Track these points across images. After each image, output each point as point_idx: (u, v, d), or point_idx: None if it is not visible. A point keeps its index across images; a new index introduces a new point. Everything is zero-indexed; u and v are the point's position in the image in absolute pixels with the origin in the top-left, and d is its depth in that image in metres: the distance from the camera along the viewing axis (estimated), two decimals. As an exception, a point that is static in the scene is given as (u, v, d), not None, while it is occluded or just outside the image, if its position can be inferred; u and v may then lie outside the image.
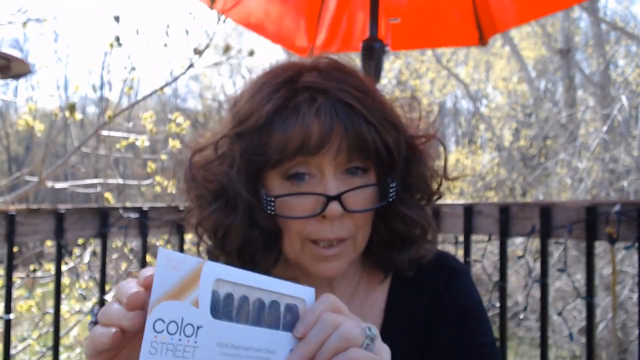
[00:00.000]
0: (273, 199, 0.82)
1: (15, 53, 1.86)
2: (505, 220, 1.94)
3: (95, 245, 2.27)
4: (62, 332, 3.06)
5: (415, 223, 0.88)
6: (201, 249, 0.95)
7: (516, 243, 6.85)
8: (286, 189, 0.82)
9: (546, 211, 1.82)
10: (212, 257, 1.67)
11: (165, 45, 3.05)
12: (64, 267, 2.82)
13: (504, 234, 1.94)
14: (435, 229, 0.92)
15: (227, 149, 0.85)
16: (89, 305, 2.88)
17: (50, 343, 2.01)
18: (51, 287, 2.25)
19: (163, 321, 0.55)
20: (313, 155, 0.79)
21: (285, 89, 0.81)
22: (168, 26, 3.02)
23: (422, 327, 0.94)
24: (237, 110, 0.86)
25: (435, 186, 0.92)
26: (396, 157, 0.84)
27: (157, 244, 4.14)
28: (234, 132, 0.84)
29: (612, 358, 7.28)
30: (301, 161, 0.80)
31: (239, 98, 0.88)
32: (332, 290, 0.95)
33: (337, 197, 0.79)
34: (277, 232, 0.86)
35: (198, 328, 0.57)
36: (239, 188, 0.83)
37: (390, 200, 0.85)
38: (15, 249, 1.94)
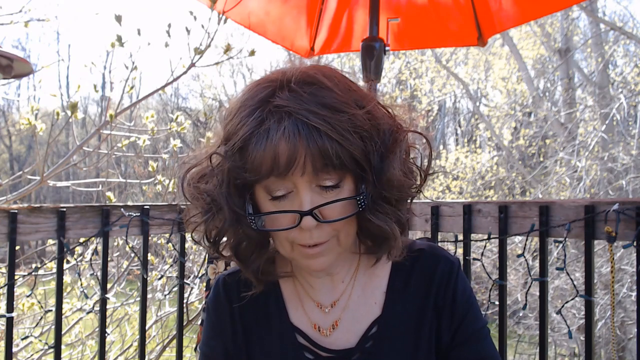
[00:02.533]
0: (253, 217, 0.92)
1: (18, 52, 1.86)
2: (505, 219, 1.95)
3: (96, 243, 2.28)
4: (63, 330, 3.07)
5: (384, 229, 0.94)
6: (201, 247, 1.04)
7: (515, 241, 6.86)
8: (271, 203, 0.91)
9: (545, 210, 1.84)
10: (211, 255, 1.68)
11: (167, 44, 3.06)
12: (65, 266, 2.84)
13: (503, 233, 1.96)
14: (398, 236, 0.97)
15: (218, 163, 0.94)
16: (90, 303, 2.89)
17: (52, 341, 2.02)
18: (53, 285, 2.26)
19: None
20: (284, 175, 0.87)
21: (259, 111, 0.88)
22: (169, 26, 3.03)
23: (426, 307, 1.03)
24: (225, 125, 0.94)
25: (409, 191, 0.97)
26: (365, 167, 0.90)
27: (159, 242, 4.16)
28: (222, 149, 0.92)
29: (610, 356, 7.30)
30: (277, 180, 0.88)
31: (228, 111, 0.95)
32: (331, 277, 1.05)
33: (309, 212, 0.88)
34: (267, 235, 0.99)
35: None
36: (223, 204, 0.92)
37: (360, 209, 0.91)
38: (17, 247, 1.95)
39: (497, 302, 2.04)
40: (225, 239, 1.00)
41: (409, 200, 0.99)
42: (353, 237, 0.97)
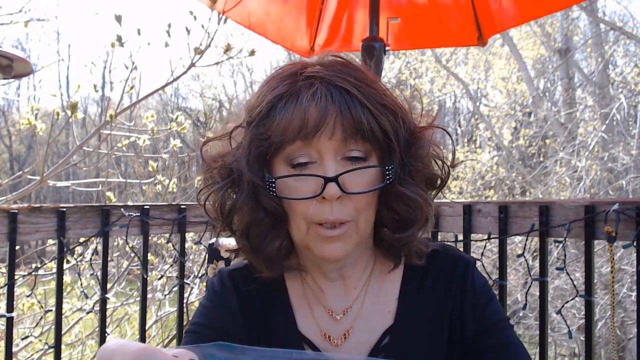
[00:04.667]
0: (274, 181, 0.87)
1: (18, 52, 1.86)
2: (505, 219, 1.95)
3: (96, 243, 2.28)
4: (63, 330, 3.08)
5: (412, 202, 0.90)
6: (201, 247, 1.01)
7: (515, 241, 6.86)
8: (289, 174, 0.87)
9: (545, 210, 1.84)
10: (213, 254, 1.68)
11: (167, 44, 3.06)
12: (65, 265, 2.84)
13: (503, 233, 1.96)
14: (433, 208, 0.94)
15: (240, 138, 0.92)
16: (90, 303, 2.89)
17: (52, 341, 2.02)
18: (53, 285, 2.26)
19: None
20: (311, 137, 0.83)
21: (288, 80, 0.87)
22: (169, 26, 3.03)
23: (443, 313, 0.97)
24: (248, 104, 0.92)
25: (436, 170, 0.95)
26: (394, 141, 0.87)
27: (159, 242, 4.17)
28: (245, 121, 0.90)
29: (610, 356, 7.30)
30: (301, 146, 0.85)
31: (251, 95, 0.94)
32: (344, 281, 0.98)
33: (335, 179, 0.83)
34: (283, 215, 0.91)
35: None
36: (243, 168, 0.88)
37: (388, 182, 0.88)
38: (17, 247, 1.95)
39: (497, 302, 2.04)
40: (236, 229, 0.94)
41: (433, 192, 0.96)
42: (371, 225, 0.92)
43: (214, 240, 1.56)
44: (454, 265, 0.99)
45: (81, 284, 2.79)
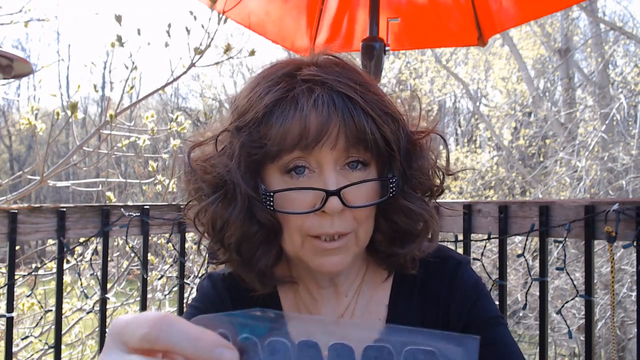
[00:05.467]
0: (272, 194, 0.81)
1: (18, 52, 1.87)
2: (505, 219, 1.95)
3: (96, 243, 2.28)
4: (63, 330, 3.07)
5: (417, 216, 0.87)
6: (202, 247, 0.97)
7: (515, 241, 6.86)
8: (285, 184, 0.81)
9: (545, 210, 1.84)
10: (212, 254, 1.68)
11: (167, 44, 3.06)
12: (65, 265, 2.83)
13: (503, 233, 1.96)
14: (438, 222, 0.91)
15: (227, 143, 0.85)
16: (90, 303, 2.89)
17: (52, 341, 2.02)
18: (53, 285, 2.26)
19: None
20: (312, 147, 0.78)
21: (284, 82, 0.81)
22: (169, 26, 3.03)
23: (435, 317, 0.94)
24: (236, 105, 0.86)
25: (437, 181, 0.92)
26: (395, 150, 0.83)
27: (159, 242, 4.17)
28: (234, 126, 0.83)
29: (610, 356, 7.30)
30: (300, 156, 0.79)
31: (238, 94, 0.88)
32: (336, 288, 0.95)
33: (337, 192, 0.78)
34: (277, 227, 0.85)
35: None
36: (238, 180, 0.81)
37: (391, 194, 0.83)
38: (17, 247, 1.95)
39: (497, 302, 2.04)
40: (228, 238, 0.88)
41: (433, 200, 0.92)
42: (370, 236, 0.87)
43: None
44: (444, 266, 0.95)
45: (81, 284, 2.79)
